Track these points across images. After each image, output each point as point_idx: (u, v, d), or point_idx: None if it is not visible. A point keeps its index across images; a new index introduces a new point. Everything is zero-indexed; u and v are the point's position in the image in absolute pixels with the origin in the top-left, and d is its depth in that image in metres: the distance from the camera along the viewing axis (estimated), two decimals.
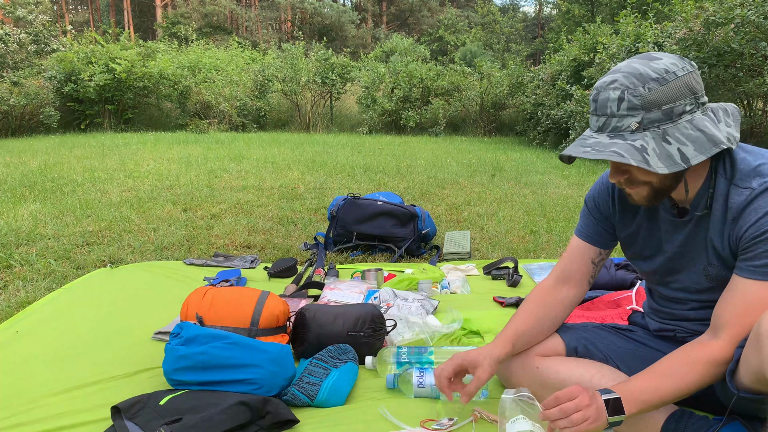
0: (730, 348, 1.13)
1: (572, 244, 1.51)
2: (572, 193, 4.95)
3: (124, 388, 1.58)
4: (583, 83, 8.31)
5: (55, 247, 3.09)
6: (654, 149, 1.09)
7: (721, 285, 1.23)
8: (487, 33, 31.99)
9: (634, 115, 1.10)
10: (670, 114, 1.10)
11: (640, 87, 1.09)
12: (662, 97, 1.09)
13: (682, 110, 1.11)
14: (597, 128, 1.16)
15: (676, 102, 1.10)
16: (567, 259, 1.51)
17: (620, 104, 1.11)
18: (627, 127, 1.11)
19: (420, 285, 2.37)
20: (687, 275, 1.30)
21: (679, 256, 1.30)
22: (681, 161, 1.09)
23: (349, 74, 12.67)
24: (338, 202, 3.21)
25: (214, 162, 6.57)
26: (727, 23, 5.88)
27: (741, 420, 1.20)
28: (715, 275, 1.24)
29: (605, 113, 1.13)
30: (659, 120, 1.10)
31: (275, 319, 1.77)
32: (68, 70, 11.05)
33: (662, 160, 1.09)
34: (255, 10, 35.14)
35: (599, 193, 1.44)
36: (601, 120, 1.15)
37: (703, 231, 1.24)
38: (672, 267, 1.32)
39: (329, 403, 1.48)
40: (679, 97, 1.10)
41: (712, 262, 1.23)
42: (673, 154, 1.10)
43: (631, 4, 8.98)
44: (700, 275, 1.27)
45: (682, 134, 1.11)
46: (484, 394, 1.51)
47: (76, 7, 37.03)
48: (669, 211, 1.29)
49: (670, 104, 1.10)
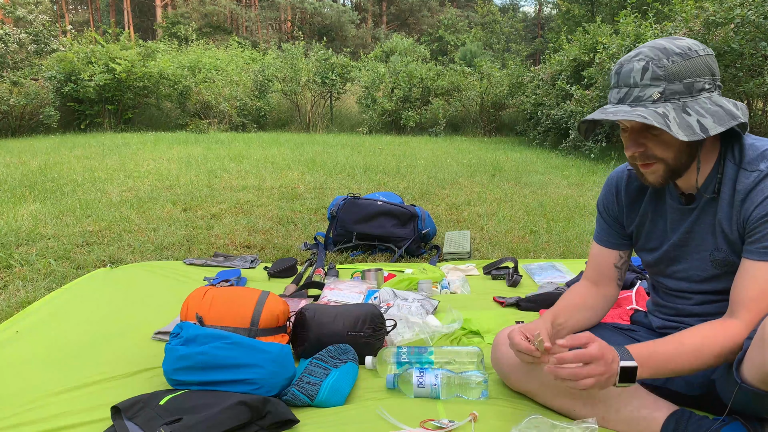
0: (747, 330, 1.15)
1: (593, 251, 1.53)
2: (572, 193, 4.95)
3: (124, 388, 1.58)
4: (583, 83, 8.30)
5: (55, 247, 3.09)
6: (674, 118, 1.12)
7: (726, 273, 1.24)
8: (487, 33, 31.99)
9: (657, 85, 1.13)
10: (691, 88, 1.13)
11: (664, 59, 1.13)
12: (684, 70, 1.13)
13: (702, 87, 1.14)
14: (618, 100, 1.18)
15: (697, 78, 1.14)
16: (591, 267, 1.53)
17: (644, 74, 1.14)
18: (649, 97, 1.14)
19: (420, 285, 2.37)
20: (692, 263, 1.31)
21: (684, 243, 1.31)
22: (700, 131, 1.11)
23: (349, 74, 12.67)
24: (338, 202, 3.21)
25: (214, 162, 6.57)
26: (727, 23, 5.88)
27: (741, 420, 1.20)
28: (722, 260, 1.25)
29: (628, 83, 1.16)
30: (680, 92, 1.13)
31: (275, 319, 1.77)
32: (68, 70, 11.04)
33: (682, 128, 1.11)
34: (255, 10, 35.14)
35: (606, 195, 1.47)
36: (622, 91, 1.17)
37: (710, 216, 1.25)
38: (677, 254, 1.33)
39: (329, 403, 1.48)
40: (699, 74, 1.14)
41: (720, 247, 1.24)
42: (692, 124, 1.12)
43: (631, 4, 8.99)
44: (706, 261, 1.28)
45: (701, 107, 1.14)
46: (484, 394, 1.51)
47: (76, 7, 37.02)
48: (676, 199, 1.31)
49: (691, 79, 1.13)
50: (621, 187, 1.43)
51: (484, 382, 1.51)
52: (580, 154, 7.66)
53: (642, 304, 2.06)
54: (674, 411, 1.26)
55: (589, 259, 1.54)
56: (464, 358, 1.65)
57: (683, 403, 1.32)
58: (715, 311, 1.28)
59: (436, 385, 1.50)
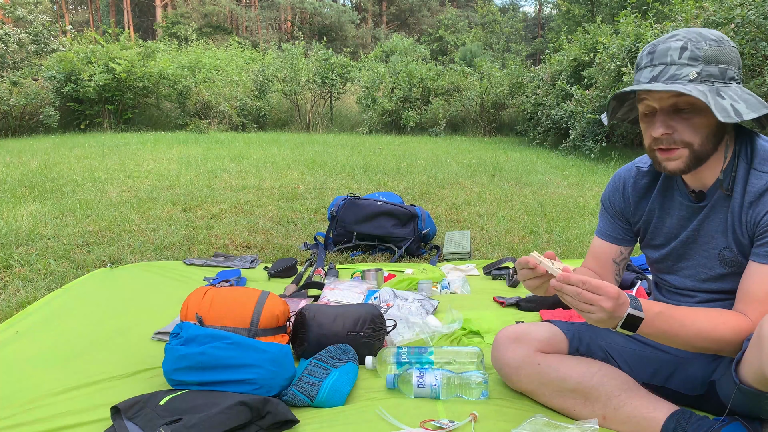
0: (751, 329, 1.14)
1: (593, 244, 1.52)
2: (572, 193, 4.95)
3: (124, 388, 1.58)
4: (583, 83, 8.30)
5: (54, 247, 3.09)
6: (711, 99, 1.11)
7: (733, 273, 1.24)
8: (487, 33, 31.98)
9: (695, 65, 1.13)
10: (724, 74, 1.14)
11: (702, 42, 1.13)
12: (720, 55, 1.13)
13: (732, 76, 1.15)
14: (650, 79, 1.17)
15: (729, 66, 1.14)
16: (590, 256, 1.52)
17: (682, 53, 1.14)
18: (685, 76, 1.13)
19: (420, 285, 2.37)
20: (699, 260, 1.30)
21: (692, 240, 1.31)
22: (734, 115, 1.11)
23: (349, 74, 12.67)
24: (338, 202, 3.21)
25: (214, 162, 6.57)
26: (727, 23, 5.88)
27: (741, 420, 1.20)
28: (731, 259, 1.24)
29: (664, 62, 1.15)
30: (715, 76, 1.13)
31: (275, 320, 1.77)
32: (68, 70, 11.04)
33: (718, 110, 1.11)
34: (255, 10, 35.14)
35: (612, 191, 1.46)
36: (657, 69, 1.16)
37: (721, 214, 1.25)
38: (684, 252, 1.33)
39: (329, 403, 1.48)
40: (731, 63, 1.15)
41: (730, 246, 1.24)
42: (727, 108, 1.11)
43: (631, 4, 8.98)
44: (714, 260, 1.27)
45: (734, 93, 1.14)
46: (484, 394, 1.51)
47: (76, 7, 37.02)
48: (686, 196, 1.30)
49: (726, 65, 1.14)
50: (629, 182, 1.42)
51: (484, 382, 1.51)
52: (580, 154, 7.65)
53: None
54: (674, 411, 1.26)
55: (588, 252, 1.53)
56: (464, 358, 1.65)
57: (683, 403, 1.32)
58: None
59: (436, 386, 1.50)
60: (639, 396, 1.30)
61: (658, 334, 1.15)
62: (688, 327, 1.15)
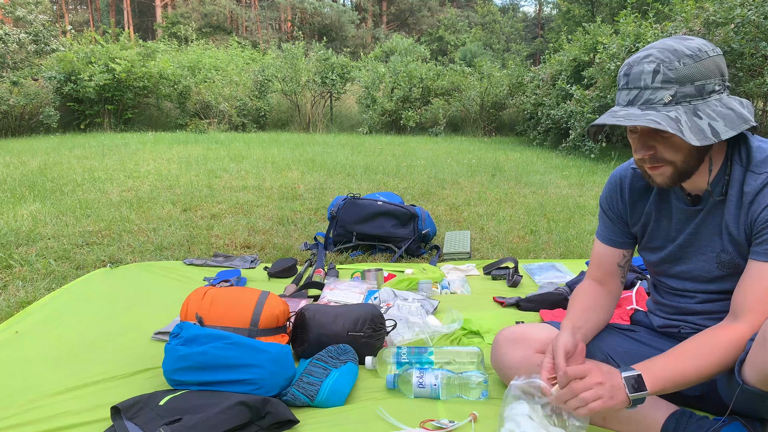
0: (751, 332, 1.14)
1: (596, 249, 1.52)
2: (572, 193, 4.95)
3: (124, 388, 1.58)
4: (583, 83, 8.30)
5: (54, 247, 3.09)
6: (686, 122, 1.10)
7: (731, 273, 1.24)
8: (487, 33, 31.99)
9: (668, 88, 1.11)
10: (701, 91, 1.12)
11: (675, 61, 1.11)
12: (695, 72, 1.11)
13: (712, 89, 1.13)
14: (627, 102, 1.16)
15: (707, 80, 1.12)
16: (595, 266, 1.52)
17: (655, 76, 1.12)
18: (660, 100, 1.12)
19: (420, 285, 2.37)
20: (697, 263, 1.30)
21: (689, 243, 1.31)
22: (712, 135, 1.10)
23: (349, 74, 12.67)
24: (338, 202, 3.21)
25: (214, 162, 6.57)
26: (727, 23, 5.88)
27: (741, 420, 1.20)
28: (728, 262, 1.24)
29: (638, 86, 1.14)
30: (691, 95, 1.12)
31: (275, 320, 1.77)
32: (68, 70, 11.04)
33: (694, 133, 1.10)
34: (255, 10, 35.14)
35: (610, 194, 1.46)
36: (632, 93, 1.15)
37: (717, 218, 1.25)
38: (682, 255, 1.33)
39: (329, 404, 1.48)
40: (710, 76, 1.12)
41: (726, 249, 1.24)
42: (704, 128, 1.11)
43: (631, 4, 8.98)
44: (712, 263, 1.27)
45: (712, 110, 1.12)
46: (484, 394, 1.51)
47: (76, 7, 37.01)
48: (682, 200, 1.30)
49: (702, 81, 1.12)
50: (625, 185, 1.42)
51: (484, 382, 1.51)
52: (580, 154, 7.66)
53: (642, 304, 2.06)
54: (674, 411, 1.26)
55: (592, 257, 1.53)
56: (464, 358, 1.65)
57: (683, 403, 1.32)
58: (718, 309, 1.28)
59: (436, 386, 1.50)
60: None
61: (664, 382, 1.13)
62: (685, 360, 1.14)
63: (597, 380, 1.10)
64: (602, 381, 1.10)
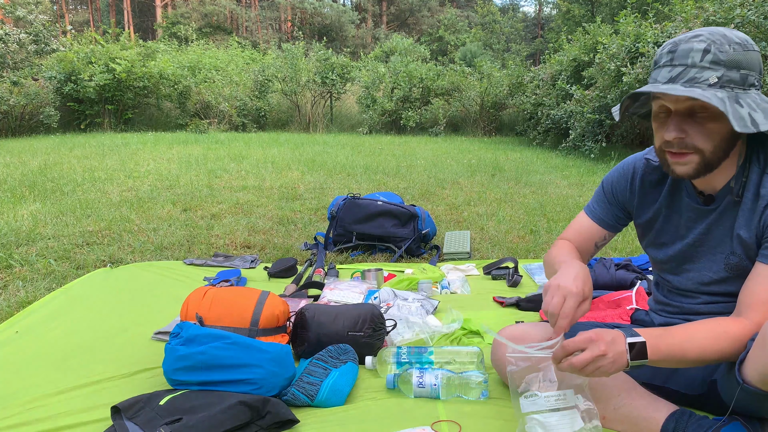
0: (754, 332, 1.13)
1: (580, 222, 1.50)
2: (572, 193, 4.95)
3: (124, 388, 1.58)
4: (583, 83, 8.31)
5: (55, 247, 3.09)
6: (730, 107, 1.08)
7: (737, 276, 1.23)
8: (487, 33, 32.00)
9: (716, 69, 1.09)
10: (745, 80, 1.11)
11: (726, 45, 1.10)
12: (743, 60, 1.10)
13: (752, 82, 1.12)
14: (668, 79, 1.13)
15: (750, 71, 1.11)
16: (573, 232, 1.50)
17: (705, 55, 1.10)
18: (705, 80, 1.09)
19: (420, 285, 2.37)
20: (705, 264, 1.30)
21: (699, 243, 1.29)
22: (751, 125, 1.08)
23: (349, 74, 12.67)
24: (338, 202, 3.21)
25: (214, 162, 6.57)
26: (727, 23, 5.88)
27: (741, 420, 1.20)
28: (735, 264, 1.24)
29: (685, 63, 1.11)
30: (735, 82, 1.10)
31: (275, 319, 1.77)
32: (68, 70, 11.04)
33: (736, 119, 1.08)
34: (255, 10, 35.14)
35: (618, 180, 1.43)
36: (676, 70, 1.12)
37: (729, 219, 1.23)
38: (690, 255, 1.32)
39: (329, 403, 1.48)
40: (753, 68, 1.11)
41: (736, 251, 1.23)
42: (744, 116, 1.09)
43: (631, 4, 8.99)
44: (720, 264, 1.26)
45: (753, 101, 1.11)
46: (484, 394, 1.51)
47: (76, 7, 37.02)
48: (694, 199, 1.29)
49: (747, 71, 1.11)
50: (638, 174, 1.39)
51: (484, 382, 1.51)
52: (580, 154, 7.65)
53: (642, 304, 2.06)
54: (674, 411, 1.26)
55: (572, 226, 1.51)
56: (464, 358, 1.65)
57: (683, 403, 1.32)
58: (721, 311, 1.28)
59: (436, 385, 1.50)
60: (639, 396, 1.30)
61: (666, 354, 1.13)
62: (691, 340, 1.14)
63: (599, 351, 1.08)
64: (604, 352, 1.08)
